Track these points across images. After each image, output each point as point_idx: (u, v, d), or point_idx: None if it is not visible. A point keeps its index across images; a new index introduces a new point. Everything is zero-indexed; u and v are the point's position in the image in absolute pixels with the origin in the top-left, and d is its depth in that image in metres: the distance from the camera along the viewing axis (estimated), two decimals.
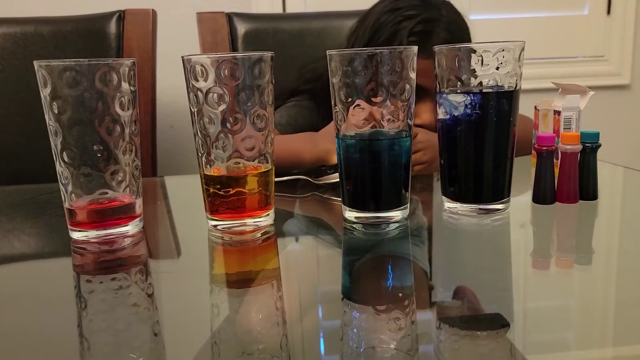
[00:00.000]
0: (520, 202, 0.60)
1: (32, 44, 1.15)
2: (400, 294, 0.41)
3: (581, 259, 0.48)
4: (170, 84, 1.31)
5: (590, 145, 0.58)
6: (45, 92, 0.49)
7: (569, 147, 0.58)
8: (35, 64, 0.49)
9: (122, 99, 0.51)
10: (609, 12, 1.68)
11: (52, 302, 0.42)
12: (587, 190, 0.59)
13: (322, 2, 1.59)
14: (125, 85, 0.51)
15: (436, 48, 0.56)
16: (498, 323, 0.35)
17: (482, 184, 0.56)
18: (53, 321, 0.39)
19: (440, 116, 0.56)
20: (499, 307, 0.38)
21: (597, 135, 0.59)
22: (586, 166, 0.59)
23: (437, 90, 0.56)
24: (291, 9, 1.60)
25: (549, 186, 0.58)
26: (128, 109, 0.51)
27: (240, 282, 0.45)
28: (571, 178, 0.58)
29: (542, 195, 0.58)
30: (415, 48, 0.52)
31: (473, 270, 0.45)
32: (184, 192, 0.84)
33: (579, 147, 0.58)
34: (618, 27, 1.68)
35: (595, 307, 0.39)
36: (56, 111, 0.49)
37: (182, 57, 0.51)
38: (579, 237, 0.54)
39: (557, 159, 0.62)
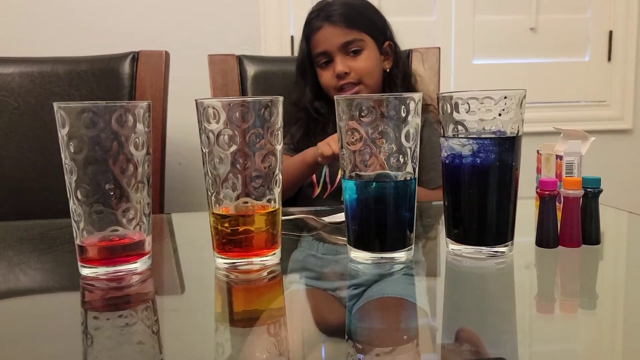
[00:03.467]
0: (523, 245, 0.61)
1: (48, 82, 1.19)
2: (404, 336, 0.42)
3: (585, 303, 0.48)
4: (179, 122, 1.35)
5: (592, 191, 0.59)
6: (63, 132, 0.51)
7: (570, 192, 0.59)
8: (55, 105, 0.51)
9: (137, 139, 0.52)
10: (609, 58, 1.72)
11: (59, 337, 0.42)
12: (589, 234, 0.60)
13: None
14: (140, 126, 0.52)
15: (440, 94, 0.58)
16: None
17: (486, 226, 0.57)
18: (60, 357, 0.39)
19: (445, 160, 0.58)
20: (504, 350, 0.38)
21: (598, 180, 0.60)
22: (588, 211, 0.60)
23: (442, 134, 0.58)
24: None
25: (551, 230, 0.59)
26: (142, 149, 0.53)
27: (245, 321, 0.46)
28: (574, 222, 0.59)
29: (545, 239, 0.59)
30: (419, 94, 0.54)
31: (477, 313, 0.45)
32: (191, 229, 0.84)
33: (581, 192, 0.59)
34: (619, 73, 1.72)
35: (600, 352, 0.39)
36: (72, 150, 0.51)
37: (195, 100, 0.53)
38: (582, 281, 0.54)
39: (560, 203, 0.63)
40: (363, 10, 1.19)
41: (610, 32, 1.70)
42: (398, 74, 1.21)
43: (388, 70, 1.21)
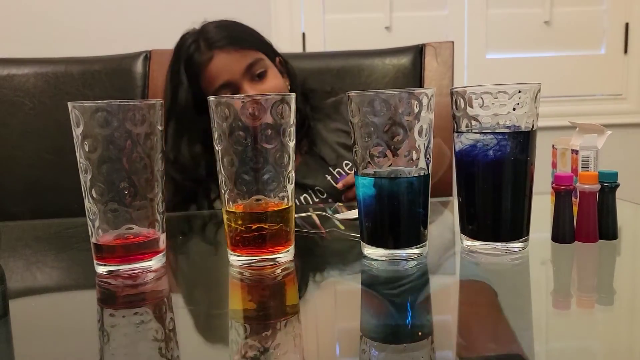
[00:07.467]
0: (539, 241, 0.60)
1: (62, 82, 1.20)
2: (419, 333, 0.41)
3: (602, 299, 0.47)
4: None
5: (608, 185, 0.59)
6: (77, 132, 0.52)
7: (587, 186, 0.58)
8: (69, 105, 0.52)
9: (150, 138, 0.53)
10: (626, 51, 1.69)
11: (75, 335, 0.43)
12: (606, 229, 0.59)
13: (341, 41, 1.63)
14: (153, 125, 0.53)
15: (453, 89, 0.57)
16: None
17: (501, 222, 0.56)
18: (76, 354, 0.40)
19: (458, 155, 0.57)
20: (520, 347, 0.38)
21: (615, 175, 0.59)
22: (605, 206, 0.59)
23: (455, 129, 0.58)
24: (310, 48, 1.65)
25: (568, 225, 0.58)
26: (155, 147, 0.53)
27: (259, 318, 0.46)
28: (590, 217, 0.58)
29: (561, 234, 0.58)
30: (433, 89, 0.54)
31: (493, 310, 0.45)
32: (205, 227, 0.85)
33: (598, 186, 0.58)
34: (636, 65, 1.69)
35: (617, 349, 0.38)
36: (87, 149, 0.51)
37: (207, 98, 0.53)
38: (599, 277, 0.53)
39: (576, 198, 0.62)
40: (243, 27, 1.06)
41: (627, 24, 1.68)
42: (297, 89, 1.08)
43: (289, 89, 1.08)
